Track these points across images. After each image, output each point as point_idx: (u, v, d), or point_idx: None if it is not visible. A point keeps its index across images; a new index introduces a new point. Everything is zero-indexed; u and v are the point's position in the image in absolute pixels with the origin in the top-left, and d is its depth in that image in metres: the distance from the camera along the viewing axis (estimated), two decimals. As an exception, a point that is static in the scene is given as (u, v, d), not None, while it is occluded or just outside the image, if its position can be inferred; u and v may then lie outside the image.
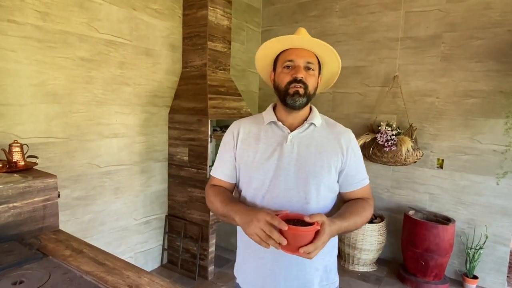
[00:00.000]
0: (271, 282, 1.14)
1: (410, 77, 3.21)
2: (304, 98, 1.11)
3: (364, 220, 1.12)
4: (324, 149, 1.13)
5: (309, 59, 1.12)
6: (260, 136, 1.18)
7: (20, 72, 2.00)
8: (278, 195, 1.11)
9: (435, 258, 2.82)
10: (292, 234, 0.90)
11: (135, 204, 2.84)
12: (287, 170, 1.11)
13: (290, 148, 1.13)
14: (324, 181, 1.12)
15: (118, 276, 1.19)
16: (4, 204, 1.42)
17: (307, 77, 1.11)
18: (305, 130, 1.16)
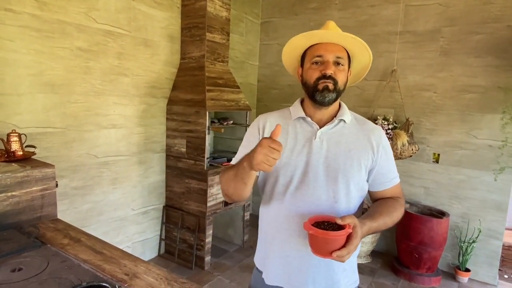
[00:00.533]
0: (298, 280, 1.12)
1: (408, 71, 3.21)
2: (334, 94, 1.07)
3: (394, 220, 1.09)
4: (354, 147, 1.10)
5: (339, 53, 1.07)
6: (288, 131, 1.14)
7: (18, 62, 1.99)
8: (307, 193, 1.08)
9: (428, 251, 2.87)
10: (323, 238, 0.89)
11: (133, 194, 2.86)
12: (316, 167, 1.08)
13: (319, 144, 1.10)
14: (354, 179, 1.08)
15: (115, 264, 1.22)
16: (2, 193, 1.43)
17: (337, 72, 1.06)
18: (335, 126, 1.12)
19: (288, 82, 3.98)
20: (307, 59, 1.12)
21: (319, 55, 1.07)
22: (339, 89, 1.08)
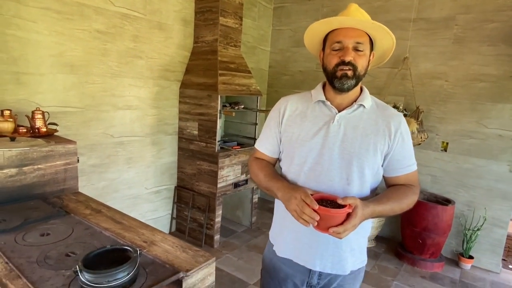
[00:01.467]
0: (307, 255, 1.17)
1: (420, 59, 3.20)
2: (353, 80, 1.07)
3: (403, 207, 1.09)
4: (371, 132, 1.10)
5: (358, 39, 1.05)
6: (307, 114, 1.17)
7: (40, 43, 2.08)
8: (321, 174, 1.11)
9: (432, 237, 2.93)
10: (323, 214, 0.94)
11: (146, 174, 2.98)
12: (332, 149, 1.10)
13: (337, 128, 1.11)
14: (369, 164, 1.09)
15: (134, 233, 1.32)
16: (29, 165, 1.54)
17: (356, 58, 1.06)
18: (354, 111, 1.13)
19: (300, 68, 4.00)
20: (327, 44, 1.12)
21: (338, 41, 1.07)
22: (359, 74, 1.07)
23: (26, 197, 1.54)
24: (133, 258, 0.99)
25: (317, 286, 1.21)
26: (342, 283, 1.20)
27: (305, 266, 1.19)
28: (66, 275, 1.00)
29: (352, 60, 1.06)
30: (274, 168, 1.26)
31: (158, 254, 1.16)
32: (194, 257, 1.16)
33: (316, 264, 1.17)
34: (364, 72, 1.10)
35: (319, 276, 1.20)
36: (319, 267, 1.17)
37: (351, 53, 1.06)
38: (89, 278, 0.92)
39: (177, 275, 1.04)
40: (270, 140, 1.26)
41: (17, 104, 2.00)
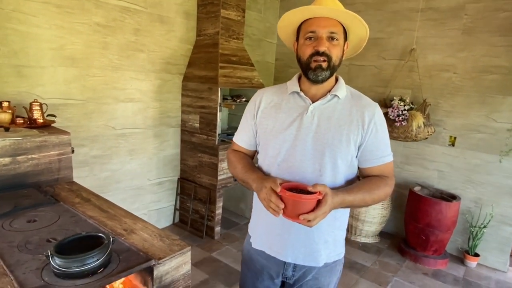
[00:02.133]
0: (279, 246, 1.17)
1: (428, 51, 3.10)
2: (327, 72, 1.06)
3: (375, 198, 1.08)
4: (344, 122, 1.09)
5: (332, 28, 1.04)
6: (282, 105, 1.16)
7: (40, 36, 2.14)
8: (294, 165, 1.11)
9: (436, 234, 2.86)
10: (293, 201, 0.93)
11: (149, 165, 3.03)
12: (305, 141, 1.10)
13: (310, 119, 1.10)
14: (342, 155, 1.08)
15: (117, 221, 1.35)
16: (23, 155, 1.60)
17: (331, 48, 1.04)
18: (328, 102, 1.12)
19: (305, 60, 3.95)
20: (301, 35, 1.10)
21: (312, 31, 1.05)
22: (333, 65, 1.06)
23: (21, 185, 1.60)
24: (104, 245, 1.01)
25: (292, 278, 1.21)
26: (317, 275, 1.20)
27: (277, 257, 1.19)
28: (42, 259, 1.04)
29: (327, 50, 1.04)
30: (251, 161, 1.26)
31: (135, 242, 1.19)
32: (169, 246, 1.18)
33: (288, 255, 1.17)
34: (338, 63, 1.09)
35: (294, 268, 1.19)
36: (291, 259, 1.17)
37: (325, 43, 1.04)
38: (59, 262, 0.95)
39: (148, 262, 1.06)
40: (247, 133, 1.26)
41: (18, 96, 2.07)
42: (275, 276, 1.24)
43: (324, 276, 1.21)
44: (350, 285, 2.56)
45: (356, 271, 2.77)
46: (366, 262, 2.92)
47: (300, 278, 1.21)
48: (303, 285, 1.21)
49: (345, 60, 3.61)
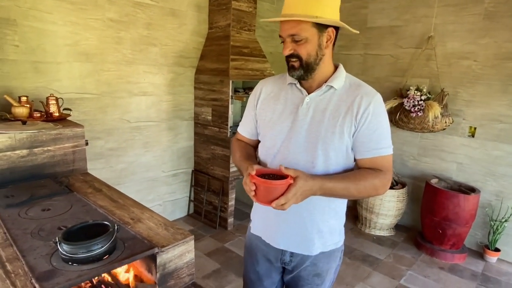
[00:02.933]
0: (273, 233, 1.20)
1: (447, 38, 2.98)
2: (301, 70, 1.06)
3: (361, 189, 1.05)
4: (339, 114, 1.07)
5: (291, 31, 1.02)
6: (280, 96, 1.17)
7: (56, 33, 2.21)
8: (288, 157, 1.11)
9: (453, 227, 2.78)
10: (263, 186, 0.94)
11: (163, 158, 3.09)
12: (299, 133, 1.10)
13: (305, 111, 1.10)
14: (335, 147, 1.07)
15: (125, 211, 1.40)
16: (40, 147, 1.67)
17: (298, 48, 1.04)
18: (324, 93, 1.10)
19: (320, 51, 3.89)
20: None
21: (280, 35, 1.07)
22: (306, 62, 1.05)
23: (38, 176, 1.68)
24: (109, 233, 1.05)
25: (290, 263, 1.23)
26: (315, 261, 1.20)
27: (271, 244, 1.21)
28: (52, 246, 1.09)
29: (294, 52, 1.05)
30: (251, 150, 1.28)
31: (141, 230, 1.22)
32: (173, 234, 1.21)
33: (280, 243, 1.19)
34: (315, 56, 1.06)
35: (291, 254, 1.21)
36: (283, 246, 1.19)
37: (288, 47, 1.05)
38: (66, 248, 1.00)
39: (151, 250, 1.10)
40: (249, 123, 1.27)
41: (36, 91, 2.16)
42: (274, 261, 1.26)
43: (322, 262, 1.21)
44: (362, 278, 2.54)
45: (369, 263, 2.74)
46: (380, 255, 2.88)
47: (298, 264, 1.22)
48: (302, 271, 1.22)
49: (360, 50, 3.55)
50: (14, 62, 2.07)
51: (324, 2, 1.01)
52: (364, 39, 3.53)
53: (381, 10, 3.35)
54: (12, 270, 0.96)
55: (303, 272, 1.22)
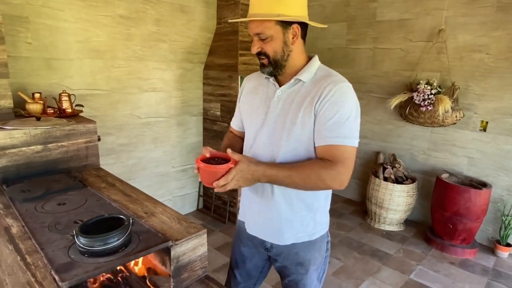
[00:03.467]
0: (251, 220, 1.30)
1: (459, 31, 2.93)
2: (270, 67, 1.11)
3: (305, 179, 1.03)
4: (303, 105, 1.08)
5: (256, 29, 1.06)
6: (258, 90, 1.22)
7: (67, 30, 2.23)
8: (259, 148, 1.18)
9: (464, 222, 2.76)
10: (205, 171, 1.01)
11: (173, 153, 3.12)
12: (269, 125, 1.15)
13: (276, 104, 1.15)
14: (297, 137, 1.09)
15: (139, 205, 1.42)
16: (54, 143, 1.70)
17: (264, 46, 1.08)
18: (293, 86, 1.13)
19: (328, 45, 3.87)
20: None
21: (250, 34, 1.11)
22: (274, 59, 1.09)
23: (52, 171, 1.71)
24: (124, 226, 1.07)
25: (272, 250, 1.28)
26: (296, 250, 1.24)
27: (248, 231, 1.30)
28: (69, 239, 1.12)
29: (261, 50, 1.09)
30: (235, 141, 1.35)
31: (155, 224, 1.24)
32: (186, 228, 1.23)
33: (254, 231, 1.28)
34: (281, 53, 1.08)
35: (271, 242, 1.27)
36: (256, 233, 1.28)
37: (255, 45, 1.09)
38: (83, 241, 1.02)
39: (166, 243, 1.11)
40: (237, 116, 1.37)
41: (49, 87, 2.19)
42: (258, 246, 1.33)
43: (303, 251, 1.24)
44: (372, 273, 2.54)
45: (379, 258, 2.74)
46: (390, 250, 2.88)
47: (279, 252, 1.27)
48: (285, 260, 1.27)
49: (369, 44, 3.52)
50: (27, 59, 2.10)
51: (286, 0, 1.03)
52: (373, 33, 3.49)
53: (390, 3, 3.31)
54: (32, 262, 0.99)
55: (287, 261, 1.27)
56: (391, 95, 3.22)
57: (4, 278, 0.91)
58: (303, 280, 1.28)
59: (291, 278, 1.30)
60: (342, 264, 2.64)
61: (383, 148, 3.58)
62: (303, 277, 1.28)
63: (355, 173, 3.84)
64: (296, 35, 1.09)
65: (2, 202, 1.40)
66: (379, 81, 3.49)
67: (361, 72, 3.61)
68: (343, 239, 3.02)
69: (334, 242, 2.96)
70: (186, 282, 1.18)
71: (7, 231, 1.16)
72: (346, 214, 3.56)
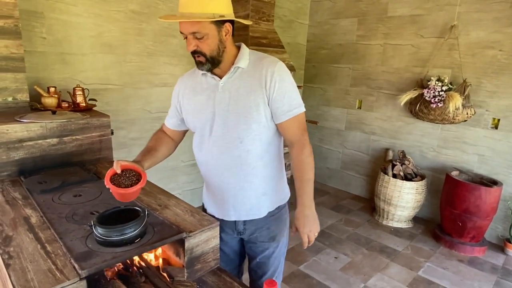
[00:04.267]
0: (222, 208, 1.36)
1: (472, 27, 2.90)
2: (208, 64, 1.16)
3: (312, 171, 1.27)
4: (251, 89, 1.17)
5: (191, 29, 1.09)
6: (197, 88, 1.28)
7: (81, 25, 2.26)
8: (218, 138, 1.24)
9: (473, 220, 2.75)
10: (116, 192, 1.09)
11: (183, 148, 3.09)
12: (222, 115, 1.21)
13: (222, 94, 1.21)
14: (255, 119, 1.18)
15: (152, 197, 1.45)
16: (69, 136, 1.74)
17: (200, 44, 1.11)
18: (233, 74, 1.20)
19: (339, 41, 3.85)
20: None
21: (182, 32, 1.13)
22: (211, 56, 1.14)
23: (67, 163, 1.75)
24: (140, 218, 1.10)
25: (245, 231, 1.38)
26: (268, 225, 1.38)
27: (224, 219, 1.36)
28: (86, 229, 1.15)
29: (197, 48, 1.12)
30: (158, 144, 1.44)
31: (168, 216, 1.27)
32: (199, 221, 1.25)
33: (231, 215, 1.34)
34: (217, 50, 1.14)
35: (244, 223, 1.36)
36: (234, 217, 1.34)
37: (191, 43, 1.12)
38: (101, 232, 1.05)
39: (180, 234, 1.14)
40: (173, 116, 1.43)
41: (63, 82, 2.23)
42: (230, 232, 1.41)
43: (274, 225, 1.39)
44: (380, 269, 2.55)
45: (387, 255, 2.74)
46: (398, 246, 2.88)
47: (252, 230, 1.38)
48: (258, 237, 1.38)
49: (380, 40, 3.49)
50: (42, 54, 2.14)
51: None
52: (384, 28, 3.47)
53: (402, -2, 3.28)
54: (52, 251, 1.02)
55: (260, 237, 1.38)
56: (401, 92, 3.20)
57: (26, 265, 0.94)
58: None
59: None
60: (350, 259, 2.66)
61: (392, 144, 3.56)
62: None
63: (363, 170, 3.84)
64: (229, 33, 1.16)
65: (21, 193, 1.44)
66: (389, 77, 3.47)
67: (371, 68, 3.59)
68: (351, 235, 3.03)
69: (342, 238, 2.97)
70: (199, 273, 1.20)
71: (27, 220, 1.20)
72: (354, 210, 3.56)
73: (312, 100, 4.19)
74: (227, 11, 1.12)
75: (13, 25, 1.76)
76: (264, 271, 1.46)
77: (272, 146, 1.29)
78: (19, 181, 1.56)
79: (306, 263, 2.57)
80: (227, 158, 1.27)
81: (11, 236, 1.10)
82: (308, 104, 4.18)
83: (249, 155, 1.25)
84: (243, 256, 1.57)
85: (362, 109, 3.74)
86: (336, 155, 4.13)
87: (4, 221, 1.19)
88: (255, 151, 1.24)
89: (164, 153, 1.43)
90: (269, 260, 1.44)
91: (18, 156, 1.60)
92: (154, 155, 1.36)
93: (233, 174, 1.29)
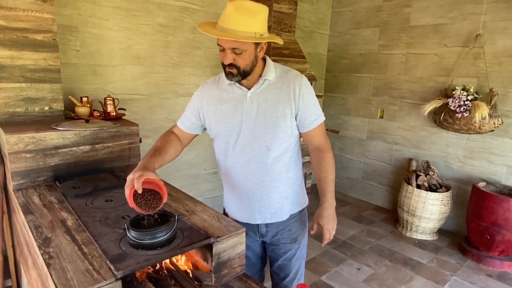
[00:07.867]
0: (248, 213, 1.41)
1: (498, 35, 2.84)
2: (238, 77, 1.21)
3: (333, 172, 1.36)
4: (279, 100, 1.26)
5: (234, 44, 1.14)
6: (223, 97, 1.32)
7: (112, 38, 2.38)
8: (245, 146, 1.30)
9: (502, 233, 2.65)
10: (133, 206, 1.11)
11: (205, 156, 3.21)
12: (249, 124, 1.28)
13: (250, 104, 1.28)
14: (282, 128, 1.27)
15: (180, 203, 1.49)
16: (100, 143, 1.82)
17: (237, 59, 1.17)
18: (261, 86, 1.27)
19: (360, 51, 3.85)
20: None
21: (219, 44, 1.18)
22: (244, 70, 1.20)
23: (98, 170, 1.83)
24: (171, 222, 1.14)
25: (267, 233, 1.45)
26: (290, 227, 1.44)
27: (249, 222, 1.42)
28: (119, 232, 1.20)
29: (233, 62, 1.18)
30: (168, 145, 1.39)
31: (196, 221, 1.31)
32: (226, 226, 1.28)
33: (257, 219, 1.41)
34: (251, 65, 1.21)
35: (266, 226, 1.43)
36: (259, 220, 1.41)
37: (229, 57, 1.17)
38: (134, 235, 1.10)
39: (208, 239, 1.17)
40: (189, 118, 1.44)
41: (94, 92, 2.34)
42: (253, 236, 1.47)
43: (295, 227, 1.46)
44: (404, 281, 2.49)
45: (411, 267, 2.68)
46: (422, 259, 2.81)
47: (275, 233, 1.44)
48: (280, 239, 1.44)
49: (403, 49, 3.48)
50: (75, 66, 2.26)
51: (259, 19, 1.14)
52: (406, 38, 3.45)
53: (425, 8, 3.27)
54: (89, 252, 1.07)
55: (282, 239, 1.44)
56: (424, 101, 3.16)
57: (66, 265, 0.99)
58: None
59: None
60: (373, 271, 2.61)
61: (416, 155, 3.50)
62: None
63: (385, 180, 3.79)
64: (263, 49, 1.24)
65: (56, 197, 1.52)
66: (412, 86, 3.44)
67: (393, 77, 3.57)
68: (374, 247, 2.98)
69: (365, 249, 2.92)
70: (226, 278, 1.22)
71: (64, 223, 1.26)
72: (377, 221, 3.50)
73: (333, 110, 4.19)
74: (265, 29, 1.19)
75: (51, 39, 1.88)
76: (286, 273, 1.51)
77: (294, 153, 1.38)
78: (54, 186, 1.64)
79: (328, 274, 2.55)
80: (254, 165, 1.33)
81: (50, 237, 1.16)
82: (328, 113, 4.18)
83: (274, 161, 1.33)
84: (265, 260, 1.61)
85: (384, 118, 3.71)
86: (357, 165, 4.09)
87: (43, 224, 1.26)
88: (280, 158, 1.32)
89: (172, 156, 1.42)
90: (291, 262, 1.49)
91: (53, 162, 1.68)
92: (163, 157, 1.36)
93: (259, 179, 1.35)
